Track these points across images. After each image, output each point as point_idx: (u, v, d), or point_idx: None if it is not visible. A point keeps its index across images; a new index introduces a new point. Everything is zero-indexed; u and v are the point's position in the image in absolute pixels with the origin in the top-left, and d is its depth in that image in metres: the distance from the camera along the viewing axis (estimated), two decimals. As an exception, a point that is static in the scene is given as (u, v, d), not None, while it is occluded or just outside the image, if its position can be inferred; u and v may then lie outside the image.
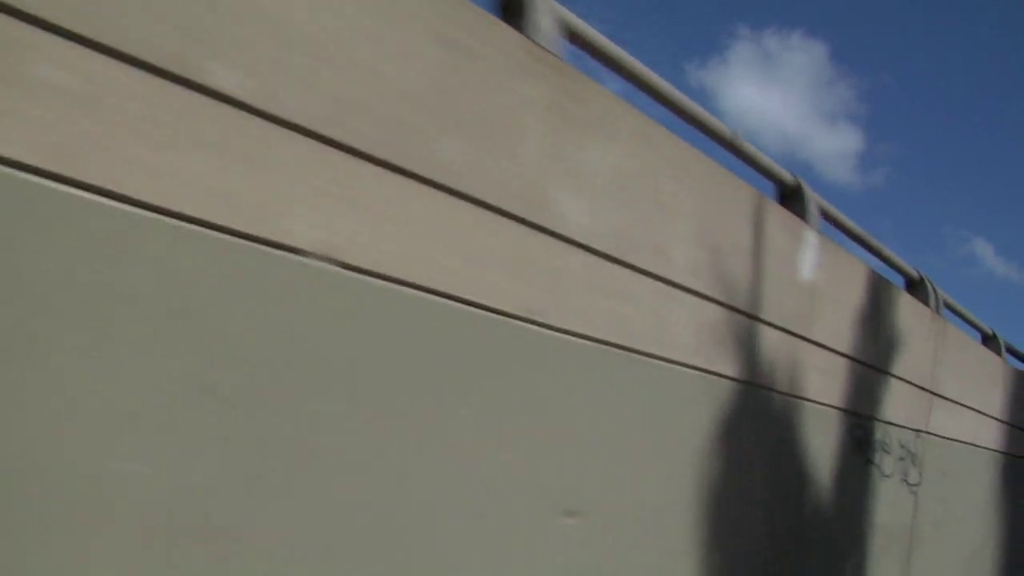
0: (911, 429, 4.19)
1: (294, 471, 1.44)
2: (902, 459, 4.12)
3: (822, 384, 3.37)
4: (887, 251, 4.14)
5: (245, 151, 1.31)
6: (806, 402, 3.27)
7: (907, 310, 4.11)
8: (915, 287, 4.42)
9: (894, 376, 3.96)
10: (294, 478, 1.42)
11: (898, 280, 4.38)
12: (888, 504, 4.01)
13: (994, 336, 5.71)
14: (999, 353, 5.65)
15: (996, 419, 5.56)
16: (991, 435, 5.49)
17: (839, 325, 3.46)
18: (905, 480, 4.18)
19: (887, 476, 3.96)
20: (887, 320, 3.88)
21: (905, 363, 4.06)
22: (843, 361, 3.51)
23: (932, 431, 4.44)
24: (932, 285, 4.52)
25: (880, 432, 3.87)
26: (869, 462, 3.78)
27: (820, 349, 3.32)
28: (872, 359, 3.74)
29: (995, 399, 5.52)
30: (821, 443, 3.40)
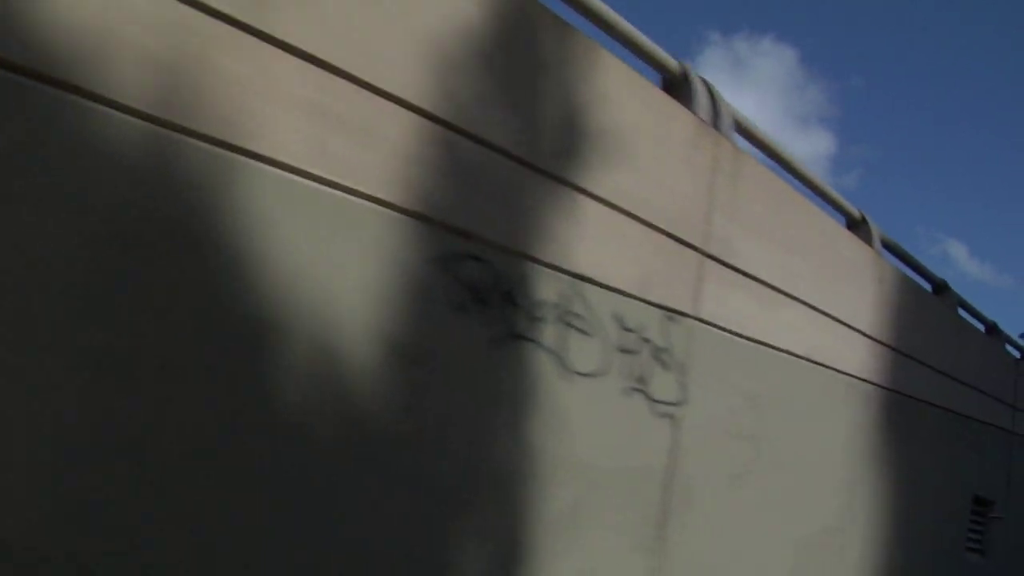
0: (652, 304, 2.46)
1: None
2: (629, 352, 2.38)
3: (323, 141, 1.65)
4: (608, 12, 2.44)
5: None
6: (264, 166, 1.54)
7: (634, 97, 2.41)
8: (676, 87, 2.71)
9: (587, 193, 2.24)
10: None
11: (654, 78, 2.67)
12: (587, 427, 2.26)
13: (864, 221, 3.99)
14: (869, 243, 3.93)
15: (867, 336, 3.83)
16: (856, 357, 3.75)
17: (392, 46, 1.75)
18: (642, 391, 2.43)
19: (582, 374, 2.22)
20: (561, 86, 2.17)
21: (622, 180, 2.35)
22: (406, 119, 1.80)
23: (709, 319, 2.70)
24: (710, 89, 2.82)
25: (549, 286, 2.14)
26: (514, 336, 2.04)
27: (297, 60, 1.60)
28: (509, 141, 2.03)
29: (862, 305, 3.79)
30: (327, 262, 1.67)
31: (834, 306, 3.49)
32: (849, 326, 3.65)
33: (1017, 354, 6.38)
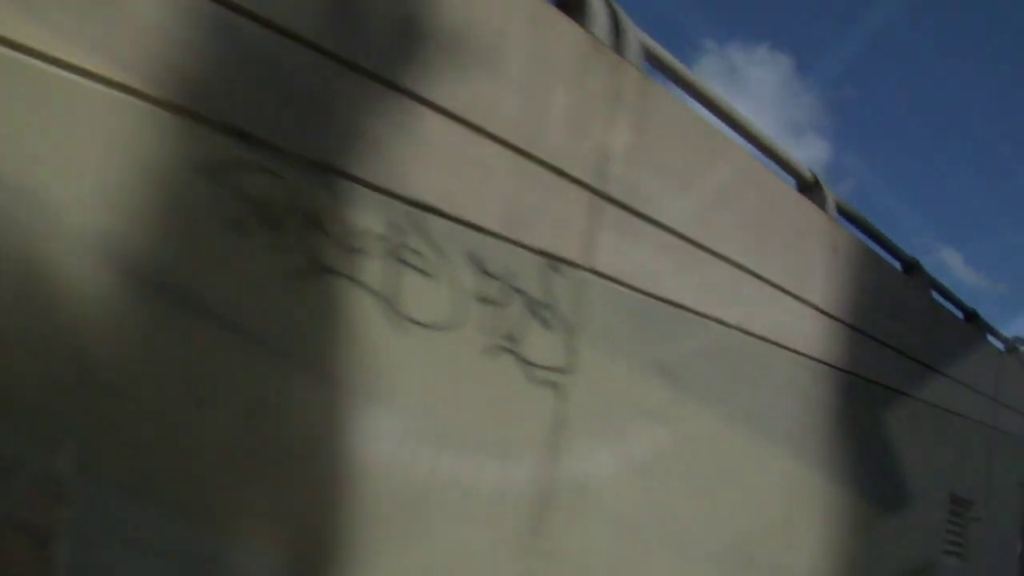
0: (526, 248, 2.06)
1: None
2: (492, 303, 1.97)
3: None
4: None
5: None
6: None
7: None
8: (569, 4, 2.32)
9: (431, 106, 1.84)
10: None
11: None
12: (432, 389, 1.85)
13: (817, 184, 3.60)
14: (822, 207, 3.53)
15: (818, 309, 3.42)
16: (804, 332, 3.34)
17: None
18: (512, 351, 2.03)
19: (422, 324, 1.82)
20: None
21: (483, 95, 1.95)
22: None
23: (607, 273, 2.30)
24: (612, 7, 2.43)
25: (374, 214, 1.73)
26: (321, 270, 1.63)
27: None
28: (317, 30, 1.63)
29: (812, 274, 3.39)
30: None
31: (775, 272, 3.08)
32: (795, 296, 3.24)
33: (1000, 345, 5.96)
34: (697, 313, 2.65)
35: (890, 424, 4.15)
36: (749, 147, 3.17)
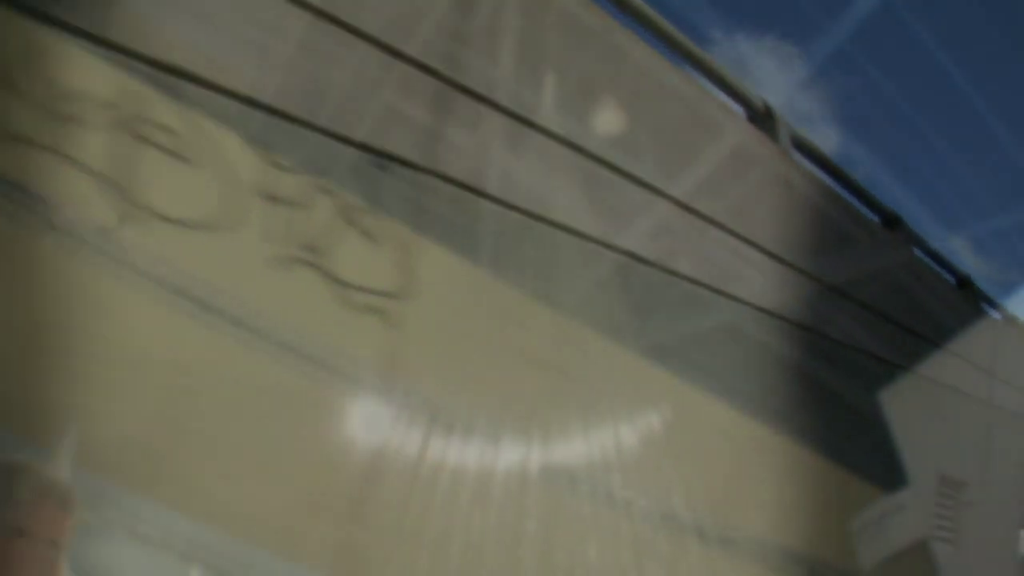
0: (334, 137, 1.66)
1: None
2: (284, 203, 1.58)
3: None
4: None
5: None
6: None
7: None
8: None
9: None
10: None
11: None
12: (201, 302, 1.47)
13: (769, 115, 3.16)
14: (774, 138, 3.09)
15: (769, 254, 2.99)
16: (750, 279, 2.91)
17: None
18: (316, 265, 1.63)
19: (177, 221, 1.43)
20: None
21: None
22: None
23: (466, 180, 1.90)
24: None
25: (97, 74, 1.36)
26: (13, 138, 1.26)
27: None
28: None
29: (759, 213, 2.95)
30: None
31: (708, 204, 2.66)
32: (737, 235, 2.81)
33: (998, 316, 5.45)
34: (598, 242, 2.24)
35: (865, 392, 3.71)
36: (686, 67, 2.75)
